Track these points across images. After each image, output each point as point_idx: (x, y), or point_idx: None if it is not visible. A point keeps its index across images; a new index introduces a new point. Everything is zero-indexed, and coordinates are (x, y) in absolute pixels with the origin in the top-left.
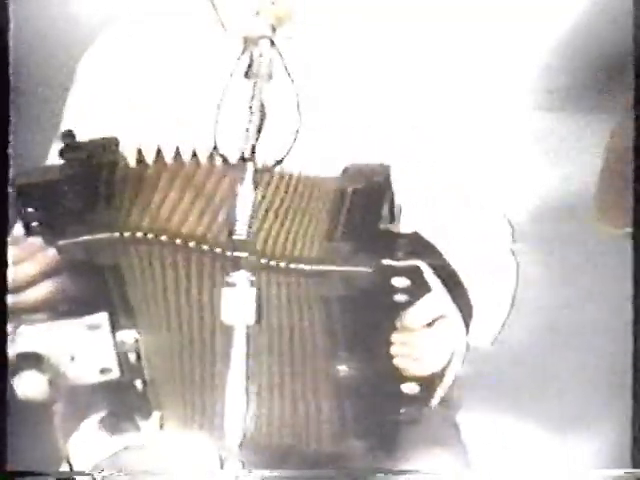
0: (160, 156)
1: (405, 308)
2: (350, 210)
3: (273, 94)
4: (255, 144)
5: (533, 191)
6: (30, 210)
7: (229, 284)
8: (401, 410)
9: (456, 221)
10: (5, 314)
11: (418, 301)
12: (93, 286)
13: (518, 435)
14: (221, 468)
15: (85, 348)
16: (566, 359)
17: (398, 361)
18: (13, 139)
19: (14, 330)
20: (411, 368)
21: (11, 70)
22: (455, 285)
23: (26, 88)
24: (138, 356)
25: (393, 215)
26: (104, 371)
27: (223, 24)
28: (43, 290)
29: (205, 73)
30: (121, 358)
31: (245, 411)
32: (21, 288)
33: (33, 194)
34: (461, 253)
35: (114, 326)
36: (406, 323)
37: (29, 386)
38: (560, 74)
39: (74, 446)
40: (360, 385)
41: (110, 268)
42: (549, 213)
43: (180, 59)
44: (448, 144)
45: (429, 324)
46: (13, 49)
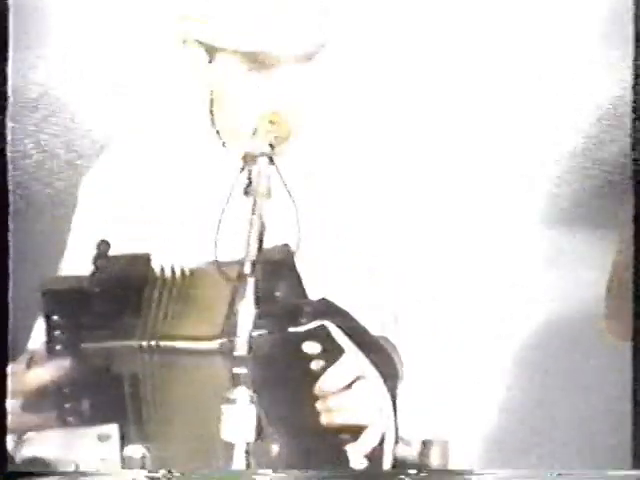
0: (162, 269)
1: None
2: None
3: (273, 211)
4: (255, 260)
5: (540, 304)
6: (55, 318)
7: (229, 401)
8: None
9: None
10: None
11: (333, 364)
12: (109, 395)
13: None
14: None
15: (91, 459)
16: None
17: (329, 426)
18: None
19: (21, 435)
20: (344, 431)
21: (11, 197)
22: (371, 345)
23: (26, 213)
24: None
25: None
26: None
27: (223, 142)
28: (55, 396)
29: (205, 188)
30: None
31: None
32: (32, 394)
33: (60, 302)
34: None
35: (124, 439)
36: (325, 388)
37: None
38: (566, 190)
39: None
40: (296, 462)
41: (128, 377)
42: (555, 325)
43: (181, 174)
44: (456, 259)
45: (348, 386)
46: (12, 177)
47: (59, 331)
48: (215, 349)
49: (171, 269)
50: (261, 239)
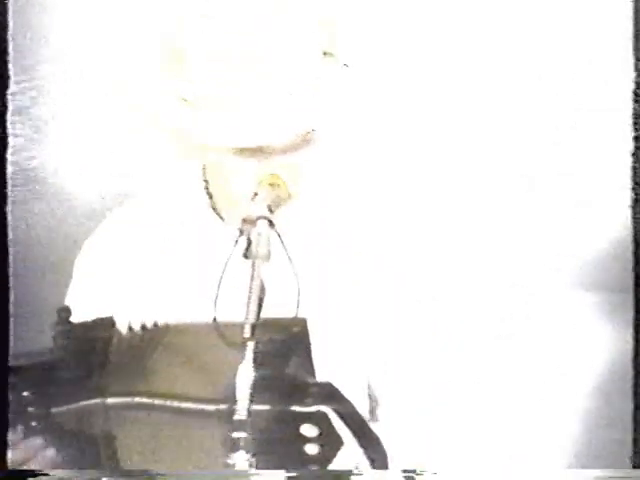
0: (156, 326)
1: (316, 460)
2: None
3: (272, 273)
4: (255, 324)
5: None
6: (25, 394)
7: (228, 466)
8: None
9: None
10: None
11: (331, 457)
12: (85, 457)
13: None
14: None
15: None
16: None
17: None
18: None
19: None
20: None
21: (11, 258)
22: (365, 434)
23: (26, 275)
24: None
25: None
26: None
27: (221, 216)
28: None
29: (204, 252)
30: None
31: None
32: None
33: (28, 376)
34: None
35: None
36: None
37: None
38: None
39: None
40: None
41: (102, 436)
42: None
43: (179, 239)
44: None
45: None
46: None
47: (31, 407)
48: (212, 411)
49: (141, 326)
50: (261, 302)
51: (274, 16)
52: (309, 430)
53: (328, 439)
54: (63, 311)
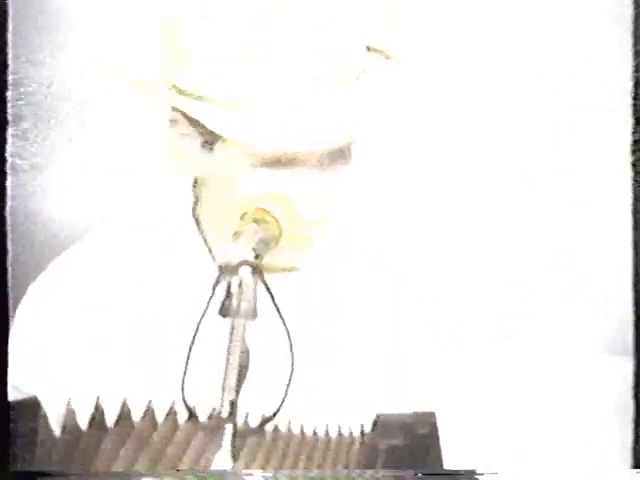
0: (102, 414)
1: None
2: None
3: (258, 334)
4: (235, 400)
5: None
6: None
7: None
8: None
9: None
10: None
11: None
12: None
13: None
14: None
15: None
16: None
17: None
18: None
19: None
20: None
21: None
22: None
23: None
24: None
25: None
26: None
27: (210, 250)
28: None
29: (180, 305)
30: None
31: None
32: None
33: None
34: None
35: None
36: None
37: None
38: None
39: None
40: None
41: None
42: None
43: (147, 282)
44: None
45: None
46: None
47: None
48: None
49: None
50: (243, 372)
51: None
52: None
53: None
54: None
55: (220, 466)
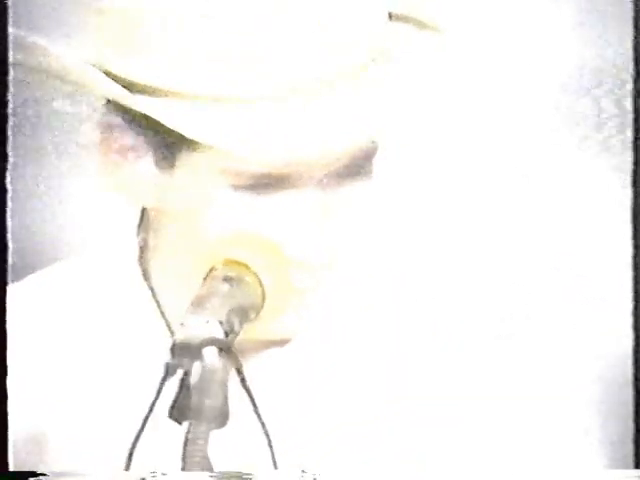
0: None
1: None
2: None
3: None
4: None
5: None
6: None
7: None
8: None
9: None
10: None
11: None
12: None
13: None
14: None
15: None
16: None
17: None
18: None
19: None
20: None
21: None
22: None
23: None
24: None
25: None
26: None
27: (165, 319)
28: None
29: (126, 392)
30: None
31: None
32: None
33: None
34: None
35: None
36: None
37: None
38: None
39: None
40: None
41: None
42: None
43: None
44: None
45: None
46: None
47: None
48: None
49: None
50: None
51: None
52: None
53: None
54: None
55: None
